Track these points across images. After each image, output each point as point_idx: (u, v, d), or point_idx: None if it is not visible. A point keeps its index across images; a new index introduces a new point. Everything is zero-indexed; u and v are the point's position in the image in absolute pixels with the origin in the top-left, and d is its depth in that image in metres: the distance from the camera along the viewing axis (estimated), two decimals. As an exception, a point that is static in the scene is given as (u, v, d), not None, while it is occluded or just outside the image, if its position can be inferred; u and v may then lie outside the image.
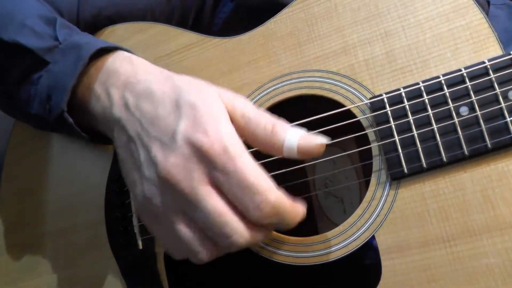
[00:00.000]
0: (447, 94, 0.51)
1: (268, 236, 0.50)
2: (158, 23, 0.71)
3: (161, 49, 0.69)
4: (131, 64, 0.54)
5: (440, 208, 0.51)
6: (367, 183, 0.55)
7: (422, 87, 0.53)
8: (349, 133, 0.56)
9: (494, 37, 0.52)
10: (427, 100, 0.52)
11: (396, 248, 0.52)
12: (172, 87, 0.49)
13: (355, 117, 0.56)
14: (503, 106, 0.49)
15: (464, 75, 0.51)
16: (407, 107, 0.53)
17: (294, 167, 0.59)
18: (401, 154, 0.52)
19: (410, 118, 0.52)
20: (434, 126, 0.51)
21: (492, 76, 0.50)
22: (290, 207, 0.47)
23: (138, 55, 0.58)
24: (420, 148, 0.52)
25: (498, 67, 0.50)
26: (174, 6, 0.74)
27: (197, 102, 0.47)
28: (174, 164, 0.45)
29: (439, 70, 0.54)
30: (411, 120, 0.52)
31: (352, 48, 0.58)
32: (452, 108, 0.51)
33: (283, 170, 0.59)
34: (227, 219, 0.45)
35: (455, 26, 0.54)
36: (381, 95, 0.54)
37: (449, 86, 0.52)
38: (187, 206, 0.46)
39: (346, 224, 0.54)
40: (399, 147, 0.53)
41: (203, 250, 0.47)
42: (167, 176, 0.45)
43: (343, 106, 0.57)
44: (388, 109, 0.54)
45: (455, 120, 0.51)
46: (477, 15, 0.54)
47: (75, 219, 0.70)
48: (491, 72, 0.50)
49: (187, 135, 0.45)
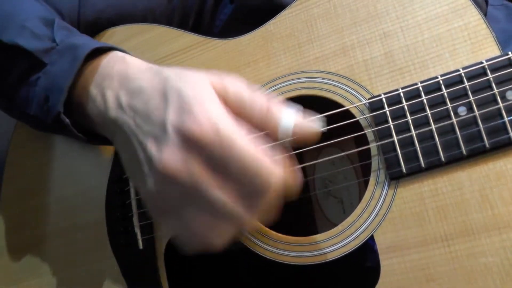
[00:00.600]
0: (445, 94, 0.52)
1: (274, 208, 0.48)
2: (158, 25, 0.71)
3: (161, 50, 0.70)
4: (125, 64, 0.54)
5: (438, 207, 0.51)
6: (367, 184, 0.55)
7: (421, 87, 0.53)
8: (348, 133, 0.57)
9: (492, 37, 0.53)
10: (425, 100, 0.52)
11: (394, 248, 0.52)
12: (160, 79, 0.49)
13: (354, 117, 0.56)
14: (501, 106, 0.50)
15: (462, 75, 0.51)
16: (406, 107, 0.53)
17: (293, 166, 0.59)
18: (399, 154, 0.53)
19: (409, 118, 0.53)
20: (433, 126, 0.52)
21: (490, 76, 0.50)
22: (292, 180, 0.47)
23: (133, 55, 0.58)
24: (418, 148, 0.52)
25: (496, 67, 0.50)
26: (175, 7, 0.74)
27: (183, 88, 0.46)
28: (170, 157, 0.44)
29: (438, 71, 0.54)
30: (410, 120, 0.53)
31: (351, 49, 0.59)
32: (450, 108, 0.51)
33: (283, 170, 0.60)
34: (234, 205, 0.44)
35: (453, 26, 0.55)
36: (379, 95, 0.55)
37: (447, 86, 0.52)
38: (193, 197, 0.45)
39: (345, 223, 0.55)
40: (397, 147, 0.53)
41: (217, 237, 0.46)
42: (165, 170, 0.44)
43: (342, 106, 0.57)
44: (387, 109, 0.54)
45: (453, 120, 0.51)
46: (475, 16, 0.54)
47: (76, 220, 0.70)
48: (489, 72, 0.51)
49: (176, 124, 0.44)
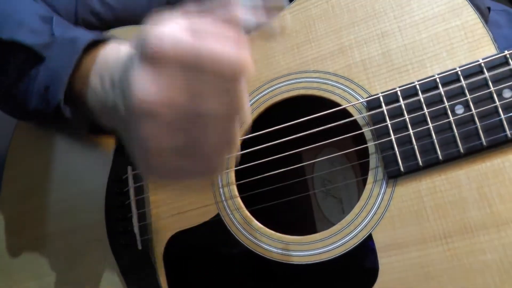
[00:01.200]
0: (443, 92, 0.52)
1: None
2: (157, 26, 0.72)
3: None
4: (121, 52, 0.53)
5: (436, 205, 0.51)
6: (365, 183, 0.56)
7: (418, 86, 0.53)
8: (346, 132, 0.57)
9: (489, 36, 0.53)
10: (422, 99, 0.53)
11: (393, 246, 0.52)
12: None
13: (352, 116, 0.57)
14: (498, 104, 0.50)
15: (459, 73, 0.52)
16: (403, 106, 0.53)
17: (292, 166, 0.60)
18: (397, 152, 0.53)
19: (406, 116, 0.53)
20: (430, 125, 0.52)
21: (487, 74, 0.51)
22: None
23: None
24: (416, 146, 0.52)
25: (492, 65, 0.51)
26: (174, 9, 0.75)
27: (148, 33, 0.41)
28: (144, 85, 0.40)
29: (435, 70, 0.54)
30: (407, 119, 0.53)
31: (349, 48, 0.59)
32: (447, 106, 0.52)
33: (282, 170, 0.60)
34: (230, 106, 0.41)
35: (451, 26, 0.55)
36: (377, 94, 0.55)
37: (444, 85, 0.52)
38: (193, 120, 0.41)
39: (343, 222, 0.55)
40: (395, 145, 0.53)
41: (227, 147, 0.43)
42: (144, 102, 0.40)
43: (340, 106, 0.57)
44: (384, 108, 0.54)
45: (451, 118, 0.51)
46: (471, 15, 0.54)
47: (75, 220, 0.70)
48: (485, 70, 0.51)
49: (139, 53, 0.40)
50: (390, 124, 0.54)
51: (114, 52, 0.55)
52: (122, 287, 0.65)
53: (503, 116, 0.49)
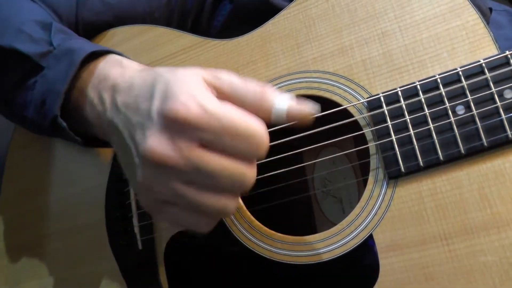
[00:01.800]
0: (443, 93, 0.52)
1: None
2: (157, 26, 0.72)
3: (160, 51, 0.70)
4: (121, 67, 0.54)
5: (437, 206, 0.51)
6: (366, 183, 0.55)
7: (419, 86, 0.53)
8: (347, 133, 0.57)
9: (490, 36, 0.53)
10: (423, 99, 0.53)
11: (394, 247, 0.52)
12: (152, 74, 0.48)
13: (353, 116, 0.56)
14: (499, 104, 0.50)
15: (460, 74, 0.52)
16: (404, 106, 0.53)
17: (293, 166, 0.60)
18: (398, 153, 0.53)
19: (407, 117, 0.53)
20: (431, 125, 0.52)
21: (488, 75, 0.50)
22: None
23: (129, 58, 0.58)
24: (417, 147, 0.52)
25: (493, 65, 0.51)
26: (173, 9, 0.74)
27: (170, 78, 0.45)
28: (156, 142, 0.43)
29: (436, 70, 0.54)
30: (408, 119, 0.53)
31: (350, 48, 0.59)
32: (448, 107, 0.51)
33: (282, 170, 0.60)
34: (232, 169, 0.43)
35: (451, 26, 0.55)
36: (378, 94, 0.55)
37: (445, 85, 0.52)
38: (189, 176, 0.43)
39: (344, 222, 0.55)
40: (396, 146, 0.53)
41: (228, 205, 0.45)
42: (153, 155, 0.43)
43: (341, 106, 0.57)
44: (385, 108, 0.54)
45: (452, 119, 0.51)
46: (472, 15, 0.54)
47: (75, 221, 0.70)
48: (486, 71, 0.51)
49: (160, 108, 0.43)
50: (391, 125, 0.53)
51: (116, 69, 0.54)
52: (123, 287, 0.65)
53: (504, 117, 0.49)
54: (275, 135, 0.59)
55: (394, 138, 0.53)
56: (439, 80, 0.52)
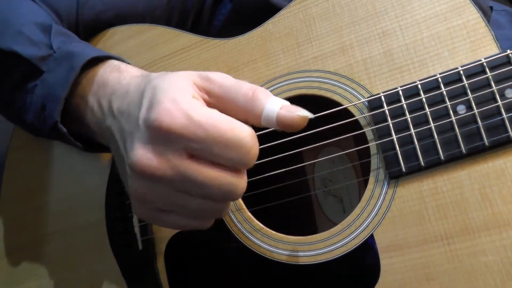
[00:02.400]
0: (444, 92, 0.52)
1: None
2: (157, 25, 0.72)
3: (161, 50, 0.70)
4: (119, 72, 0.54)
5: (438, 206, 0.51)
6: (367, 183, 0.55)
7: (419, 86, 0.53)
8: (347, 132, 0.57)
9: (491, 35, 0.53)
10: (424, 99, 0.52)
11: (394, 247, 0.52)
12: (145, 80, 0.47)
13: (353, 116, 0.56)
14: (500, 104, 0.49)
15: (461, 73, 0.51)
16: (405, 105, 0.53)
17: (293, 166, 0.59)
18: (399, 152, 0.53)
19: (408, 116, 0.53)
20: (432, 125, 0.52)
21: (489, 74, 0.50)
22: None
23: (128, 62, 0.58)
24: (418, 147, 0.52)
25: (494, 65, 0.50)
26: (174, 8, 0.74)
27: (159, 84, 0.44)
28: (142, 153, 0.42)
29: (437, 69, 0.54)
30: (409, 119, 0.53)
31: (350, 48, 0.59)
32: (449, 106, 0.51)
33: (283, 170, 0.60)
34: (222, 180, 0.43)
35: (452, 25, 0.55)
36: (378, 94, 0.55)
37: (446, 85, 0.52)
38: (178, 186, 0.43)
39: (344, 223, 0.55)
40: (397, 145, 0.53)
41: (219, 208, 0.45)
42: (140, 167, 0.42)
43: (342, 105, 0.57)
44: (386, 108, 0.54)
45: (453, 118, 0.51)
46: (473, 14, 0.54)
47: (75, 220, 0.70)
48: (487, 70, 0.50)
49: (145, 118, 0.43)
50: (391, 124, 0.53)
51: (114, 74, 0.54)
52: (123, 287, 0.65)
53: (505, 116, 0.49)
54: (276, 135, 0.59)
55: (395, 137, 0.53)
56: (440, 79, 0.52)
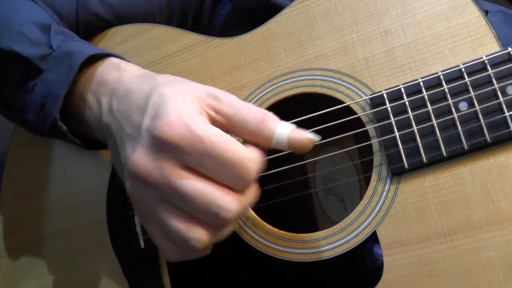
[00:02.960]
0: (446, 89, 0.52)
1: (254, 194, 0.47)
2: (159, 25, 0.72)
3: (162, 50, 0.70)
4: (119, 71, 0.54)
5: (440, 202, 0.51)
6: (367, 182, 0.56)
7: (421, 83, 0.53)
8: (349, 130, 0.57)
9: (492, 34, 0.53)
10: (426, 96, 0.53)
11: (397, 243, 0.52)
12: (150, 83, 0.48)
13: (355, 114, 0.57)
14: (502, 101, 0.50)
15: (463, 70, 0.52)
16: (407, 103, 0.53)
17: (294, 164, 0.60)
18: (401, 149, 0.53)
19: (410, 114, 0.53)
20: (434, 122, 0.52)
21: (490, 71, 0.51)
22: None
23: (128, 61, 0.58)
24: (420, 144, 0.52)
25: (496, 62, 0.51)
26: (174, 8, 0.75)
27: (166, 92, 0.45)
28: (141, 157, 0.43)
29: (438, 68, 0.54)
30: (411, 116, 0.53)
31: (352, 47, 0.59)
32: (451, 103, 0.52)
33: (284, 168, 0.60)
34: (209, 197, 0.42)
35: (453, 24, 0.55)
36: (380, 91, 0.55)
37: (448, 82, 0.52)
38: (165, 195, 0.43)
39: (347, 220, 0.55)
40: (399, 142, 0.53)
41: (195, 237, 0.43)
42: (136, 170, 0.43)
43: (344, 103, 0.57)
44: (388, 105, 0.54)
45: (455, 115, 0.51)
46: (474, 13, 0.54)
47: (76, 219, 0.70)
48: (489, 67, 0.51)
49: (149, 126, 0.43)
50: (394, 121, 0.54)
51: (114, 73, 0.54)
52: (124, 286, 0.64)
53: (507, 113, 0.50)
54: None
55: (397, 134, 0.53)
56: (441, 76, 0.53)
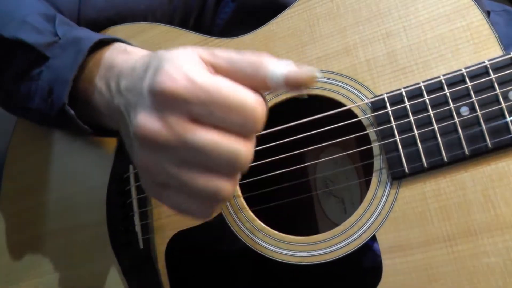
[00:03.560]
0: (448, 94, 0.52)
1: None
2: (160, 24, 0.71)
3: (163, 49, 0.70)
4: (126, 54, 0.54)
5: (441, 207, 0.51)
6: (368, 184, 0.55)
7: (423, 87, 0.53)
8: (350, 133, 0.56)
9: (495, 38, 0.53)
10: (427, 100, 0.52)
11: (397, 248, 0.52)
12: (151, 55, 0.47)
13: (356, 117, 0.56)
14: (503, 106, 0.50)
15: (465, 74, 0.51)
16: (408, 107, 0.53)
17: (295, 166, 0.59)
18: (402, 153, 0.53)
19: (411, 118, 0.53)
20: (435, 126, 0.52)
21: (493, 76, 0.50)
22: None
23: (135, 45, 0.58)
24: (421, 148, 0.52)
25: (498, 66, 0.50)
26: (176, 7, 0.74)
27: (164, 56, 0.43)
28: (146, 118, 0.42)
29: (440, 71, 0.54)
30: (412, 120, 0.53)
31: (354, 48, 0.59)
32: (452, 108, 0.51)
33: (284, 170, 0.60)
34: (225, 145, 0.41)
35: (456, 27, 0.55)
36: (382, 95, 0.55)
37: (449, 86, 0.52)
38: (181, 154, 0.42)
39: (347, 223, 0.55)
40: (400, 146, 0.53)
41: (222, 187, 0.42)
42: (144, 132, 0.41)
43: (345, 106, 0.57)
44: (389, 109, 0.54)
45: (456, 120, 0.51)
46: (477, 16, 0.54)
47: (76, 219, 0.70)
48: (491, 72, 0.50)
49: (149, 84, 0.42)
50: (395, 125, 0.53)
51: (121, 56, 0.54)
52: (124, 286, 0.65)
53: (508, 119, 0.49)
54: (277, 135, 0.59)
55: (398, 138, 0.53)
56: (443, 80, 0.52)
